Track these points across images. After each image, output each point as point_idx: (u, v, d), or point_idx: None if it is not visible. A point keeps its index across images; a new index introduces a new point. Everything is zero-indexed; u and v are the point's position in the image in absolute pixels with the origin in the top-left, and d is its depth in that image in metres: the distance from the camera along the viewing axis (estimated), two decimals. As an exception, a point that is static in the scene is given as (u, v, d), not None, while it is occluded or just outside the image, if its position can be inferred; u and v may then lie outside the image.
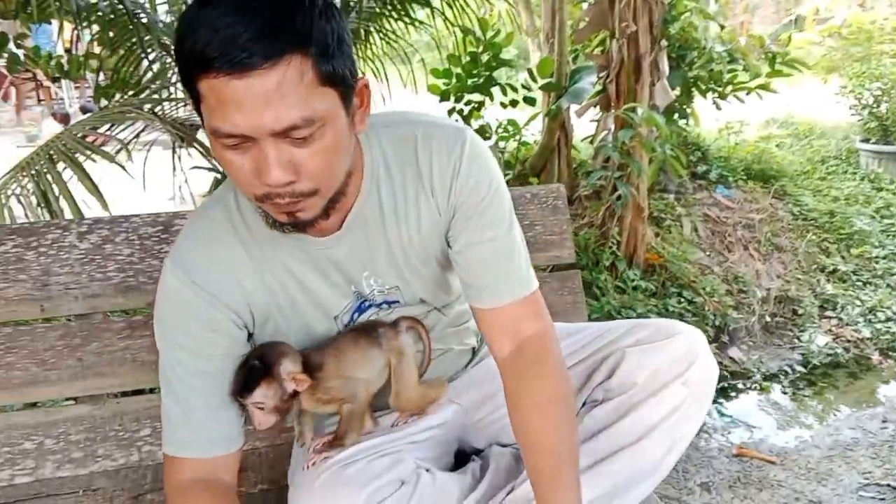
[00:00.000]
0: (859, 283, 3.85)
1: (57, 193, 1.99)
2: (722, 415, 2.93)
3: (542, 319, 1.14)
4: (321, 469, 1.07)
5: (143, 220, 1.47)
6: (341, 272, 1.12)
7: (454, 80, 3.70)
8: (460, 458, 1.30)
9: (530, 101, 3.87)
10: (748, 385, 3.18)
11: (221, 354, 1.09)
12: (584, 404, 1.21)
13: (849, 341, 3.49)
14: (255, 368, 1.07)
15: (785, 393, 3.14)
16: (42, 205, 1.95)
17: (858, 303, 3.68)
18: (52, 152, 2.09)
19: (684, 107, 4.10)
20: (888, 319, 3.59)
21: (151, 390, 1.49)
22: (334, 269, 1.11)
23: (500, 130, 3.84)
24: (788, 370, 3.32)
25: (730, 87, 4.03)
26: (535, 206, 1.59)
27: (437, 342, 1.25)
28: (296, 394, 1.08)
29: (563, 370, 1.12)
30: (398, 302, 1.18)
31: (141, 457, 1.46)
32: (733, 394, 3.10)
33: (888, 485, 2.47)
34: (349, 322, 1.18)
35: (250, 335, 1.13)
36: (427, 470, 1.11)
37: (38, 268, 1.42)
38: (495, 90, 3.71)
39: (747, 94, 4.06)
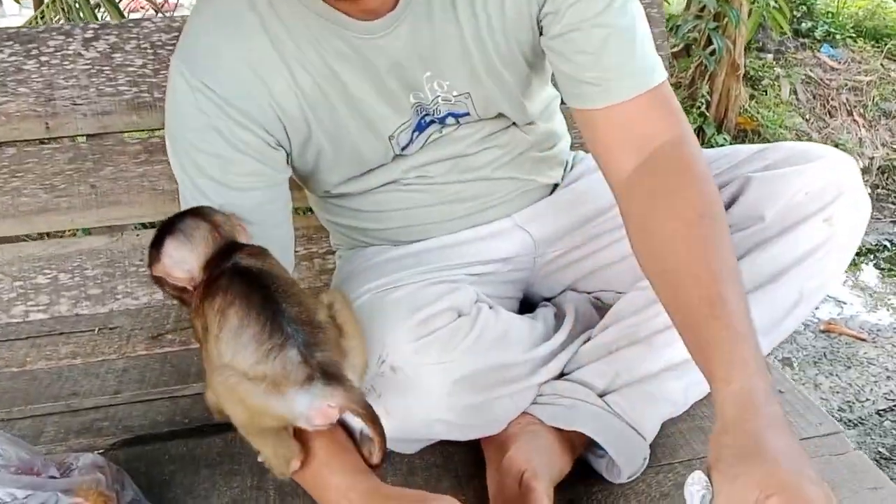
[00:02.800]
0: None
1: None
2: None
3: (678, 118, 0.86)
4: (359, 292, 0.89)
5: (156, 24, 1.28)
6: (396, 72, 0.87)
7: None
8: (526, 307, 1.10)
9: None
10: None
11: (255, 181, 0.87)
12: None
13: (958, 215, 3.15)
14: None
15: (881, 269, 2.89)
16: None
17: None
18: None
19: (791, -49, 3.60)
20: None
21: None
22: (387, 69, 0.86)
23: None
24: (888, 244, 3.05)
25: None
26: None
27: (517, 171, 1.02)
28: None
29: (711, 179, 0.83)
30: (468, 115, 0.94)
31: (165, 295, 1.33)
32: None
33: None
34: (407, 145, 0.94)
35: (289, 156, 0.91)
36: (490, 306, 0.91)
37: (40, 79, 1.26)
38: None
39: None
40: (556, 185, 1.09)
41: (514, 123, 1.00)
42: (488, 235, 1.02)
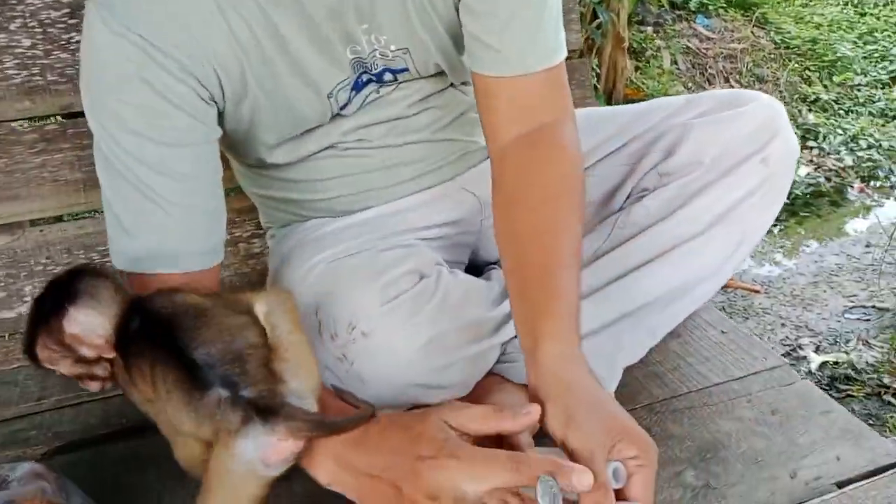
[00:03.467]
0: (841, 112, 3.74)
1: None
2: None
3: (566, 99, 0.89)
4: (310, 264, 0.84)
5: (43, 1, 1.16)
6: (332, 22, 0.82)
7: None
8: (472, 272, 1.08)
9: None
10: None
11: (186, 137, 0.79)
12: (628, 196, 0.99)
13: (830, 170, 3.41)
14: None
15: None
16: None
17: (840, 131, 3.58)
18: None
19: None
20: (869, 147, 3.50)
21: (78, 216, 1.25)
22: (323, 17, 0.81)
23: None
24: (770, 202, 3.23)
25: None
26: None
27: (457, 132, 1.00)
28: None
29: (581, 164, 0.88)
30: (406, 70, 0.91)
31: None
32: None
33: (873, 306, 2.51)
34: (346, 104, 0.90)
35: (221, 114, 0.84)
36: (448, 270, 0.90)
37: (-88, 64, 1.12)
38: None
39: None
40: None
41: (451, 84, 0.98)
42: (433, 199, 1.00)
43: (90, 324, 0.67)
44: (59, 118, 1.23)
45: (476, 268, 1.10)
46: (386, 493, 0.65)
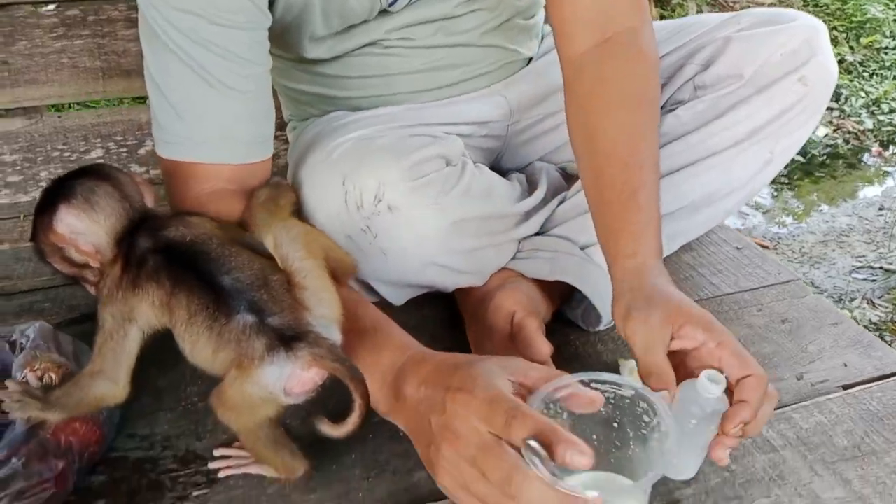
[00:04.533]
0: (865, 75, 3.67)
1: None
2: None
3: (642, 6, 0.86)
4: (336, 143, 0.82)
5: None
6: None
7: None
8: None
9: None
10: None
11: (241, 20, 0.75)
12: (663, 106, 0.97)
13: (849, 132, 3.37)
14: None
15: (781, 183, 3.05)
16: None
17: (863, 94, 3.52)
18: None
19: None
20: (891, 111, 3.45)
21: (98, 103, 1.24)
22: None
23: None
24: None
25: None
26: None
27: (502, 38, 0.98)
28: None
29: (658, 72, 0.84)
30: None
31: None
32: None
33: (880, 267, 2.50)
34: (393, 1, 0.87)
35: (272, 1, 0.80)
36: (474, 163, 0.88)
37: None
38: None
39: None
40: (530, 60, 1.06)
41: None
42: (464, 99, 0.99)
43: (77, 227, 0.64)
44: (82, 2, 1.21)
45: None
46: (424, 428, 0.60)
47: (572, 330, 0.93)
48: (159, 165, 0.81)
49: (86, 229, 0.64)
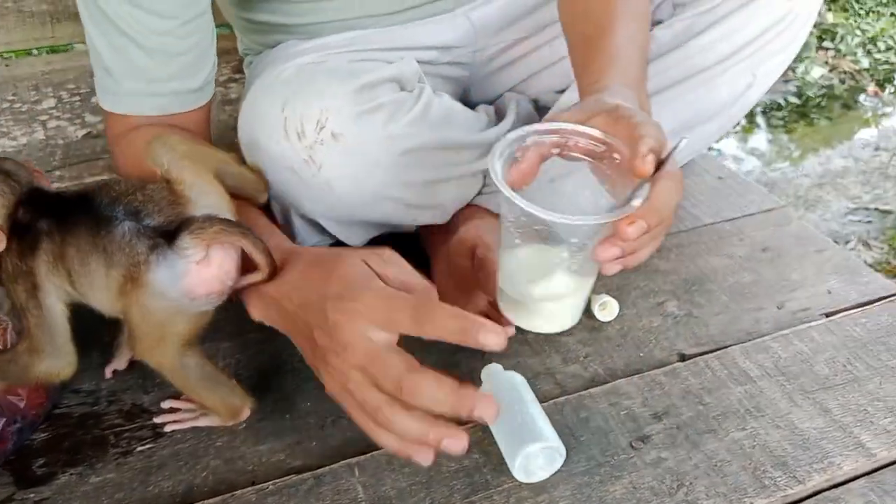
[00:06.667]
0: (861, 12, 3.58)
1: None
2: (710, 148, 2.78)
3: None
4: (280, 68, 0.78)
5: None
6: None
7: None
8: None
9: None
10: (739, 116, 3.01)
11: None
12: None
13: (845, 72, 3.30)
14: None
15: (776, 126, 3.00)
16: None
17: (859, 33, 3.44)
18: None
19: None
20: (888, 49, 3.38)
21: (50, 50, 1.18)
22: None
23: None
24: (782, 102, 3.17)
25: None
26: None
27: None
28: None
29: None
30: None
31: (47, 134, 1.17)
32: (723, 124, 2.92)
33: (876, 208, 2.48)
34: None
35: None
36: (433, 91, 0.82)
37: None
38: None
39: None
40: None
41: None
42: (424, 22, 0.93)
43: None
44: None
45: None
46: (305, 330, 0.58)
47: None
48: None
49: None
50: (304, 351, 0.60)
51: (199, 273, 0.57)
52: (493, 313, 0.74)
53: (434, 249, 0.86)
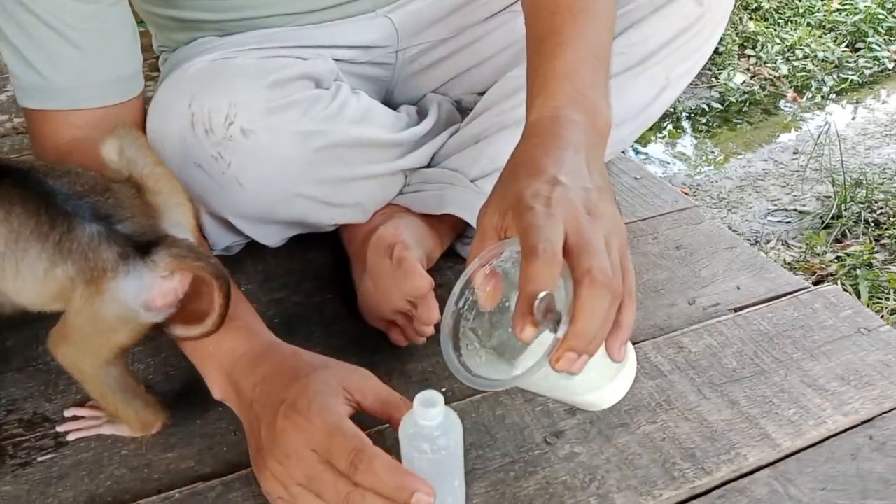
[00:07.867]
0: (781, 21, 3.73)
1: None
2: (637, 152, 2.85)
3: None
4: (189, 64, 0.75)
5: None
6: None
7: None
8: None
9: None
10: (663, 123, 3.09)
11: None
12: None
13: (766, 79, 3.43)
14: None
15: (700, 130, 3.10)
16: None
17: (778, 41, 3.58)
18: None
19: None
20: (805, 57, 3.53)
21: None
22: None
23: None
24: (705, 108, 3.27)
25: None
26: None
27: None
28: None
29: None
30: None
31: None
32: (647, 132, 2.99)
33: (794, 209, 2.57)
34: None
35: None
36: (351, 89, 0.81)
37: None
38: None
39: None
40: None
41: None
42: (343, 22, 0.91)
43: None
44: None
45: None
46: (255, 423, 0.58)
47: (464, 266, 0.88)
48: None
49: None
50: (249, 444, 0.60)
51: (161, 285, 0.56)
52: (412, 312, 0.74)
53: (353, 249, 0.85)
